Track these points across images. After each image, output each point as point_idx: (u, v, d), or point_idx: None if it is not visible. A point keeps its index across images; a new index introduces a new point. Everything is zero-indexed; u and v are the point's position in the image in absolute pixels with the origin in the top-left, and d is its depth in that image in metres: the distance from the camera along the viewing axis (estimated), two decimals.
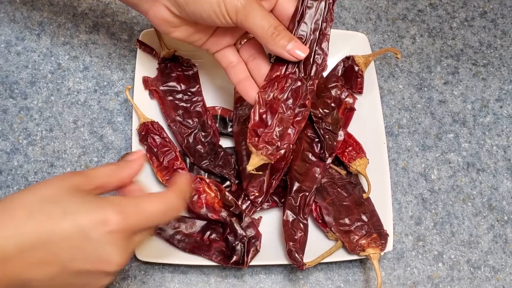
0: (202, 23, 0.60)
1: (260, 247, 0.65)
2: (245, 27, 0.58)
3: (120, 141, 0.73)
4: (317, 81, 0.61)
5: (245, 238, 0.65)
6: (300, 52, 0.59)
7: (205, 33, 0.63)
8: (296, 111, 0.60)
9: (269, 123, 0.60)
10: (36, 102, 0.74)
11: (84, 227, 0.45)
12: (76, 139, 0.73)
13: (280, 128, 0.59)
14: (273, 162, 0.60)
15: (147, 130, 0.69)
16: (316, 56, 0.61)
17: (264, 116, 0.60)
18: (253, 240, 0.65)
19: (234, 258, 0.64)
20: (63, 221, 0.45)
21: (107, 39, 0.78)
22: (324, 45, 0.61)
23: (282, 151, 0.60)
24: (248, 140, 0.59)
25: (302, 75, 0.60)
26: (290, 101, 0.60)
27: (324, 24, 0.60)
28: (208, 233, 0.67)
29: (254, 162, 0.60)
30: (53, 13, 0.78)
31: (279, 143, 0.59)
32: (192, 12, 0.58)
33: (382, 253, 0.66)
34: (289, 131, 0.60)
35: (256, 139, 0.59)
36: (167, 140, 0.69)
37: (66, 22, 0.78)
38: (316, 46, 0.61)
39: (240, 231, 0.65)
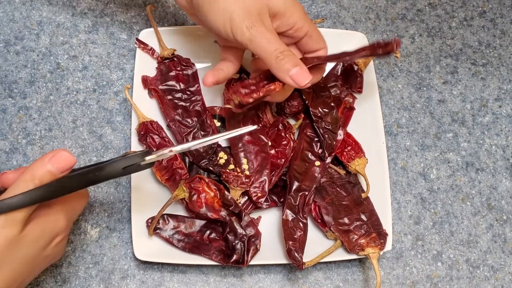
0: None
1: (260, 245, 0.65)
2: (249, 49, 0.59)
3: (119, 140, 0.73)
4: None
5: (245, 237, 0.65)
6: (302, 78, 0.59)
7: None
8: None
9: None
10: (35, 101, 0.74)
11: None
12: (75, 138, 0.73)
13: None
14: None
15: (146, 130, 0.69)
16: None
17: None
18: (253, 239, 0.65)
19: (234, 257, 0.64)
20: None
21: (106, 39, 0.78)
22: None
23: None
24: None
25: None
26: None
27: None
28: (208, 232, 0.67)
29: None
30: (52, 13, 0.78)
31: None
32: (204, 20, 0.60)
33: (381, 253, 0.66)
34: None
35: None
36: (166, 139, 0.69)
37: (65, 22, 0.78)
38: None
39: (240, 230, 0.65)
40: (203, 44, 0.74)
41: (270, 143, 0.70)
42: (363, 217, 0.68)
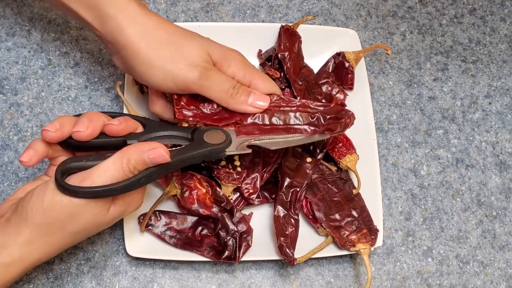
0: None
1: (251, 242, 0.65)
2: (201, 94, 0.61)
3: None
4: None
5: (236, 233, 0.65)
6: (261, 102, 0.61)
7: None
8: None
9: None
10: (27, 98, 0.74)
11: None
12: None
13: None
14: None
15: None
16: None
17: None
18: (244, 235, 0.65)
19: (226, 253, 0.65)
20: None
21: None
22: None
23: None
24: None
25: None
26: None
27: None
28: (200, 228, 0.67)
29: None
30: (43, 9, 0.78)
31: None
32: (143, 80, 0.62)
33: (372, 249, 0.66)
34: None
35: None
36: None
37: (57, 18, 0.78)
38: None
39: (231, 226, 0.65)
40: None
41: None
42: (354, 213, 0.68)
